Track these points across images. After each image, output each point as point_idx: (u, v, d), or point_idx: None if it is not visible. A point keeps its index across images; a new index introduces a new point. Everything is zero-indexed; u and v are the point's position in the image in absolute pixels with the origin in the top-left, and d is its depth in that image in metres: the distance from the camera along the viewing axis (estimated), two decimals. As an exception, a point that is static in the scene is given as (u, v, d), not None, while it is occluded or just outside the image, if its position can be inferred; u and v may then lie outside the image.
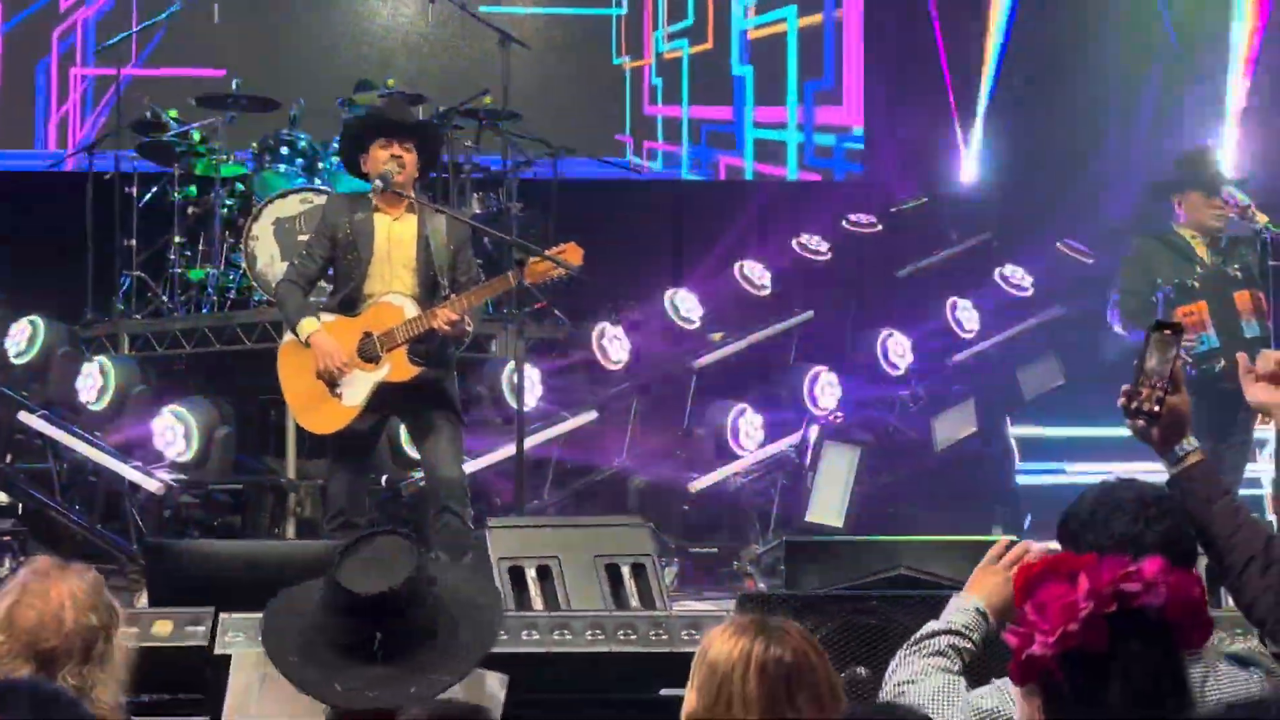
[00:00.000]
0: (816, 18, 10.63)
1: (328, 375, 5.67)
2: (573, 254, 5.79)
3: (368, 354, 5.69)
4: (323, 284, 6.16)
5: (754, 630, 2.39)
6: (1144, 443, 2.57)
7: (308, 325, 5.69)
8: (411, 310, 5.68)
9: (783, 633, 2.40)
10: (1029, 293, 9.31)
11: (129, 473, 7.18)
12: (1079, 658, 1.89)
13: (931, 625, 2.82)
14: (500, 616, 2.49)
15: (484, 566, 4.87)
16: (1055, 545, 2.77)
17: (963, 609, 2.81)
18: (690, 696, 2.42)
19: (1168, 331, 2.52)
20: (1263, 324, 5.90)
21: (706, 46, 10.64)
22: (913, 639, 2.81)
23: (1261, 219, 5.87)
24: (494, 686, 2.82)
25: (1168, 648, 1.94)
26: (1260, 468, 6.82)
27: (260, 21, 9.97)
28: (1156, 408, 2.49)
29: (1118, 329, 6.46)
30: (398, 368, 5.67)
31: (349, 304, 5.78)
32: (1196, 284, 6.03)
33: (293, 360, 5.85)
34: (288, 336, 5.89)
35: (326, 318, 5.76)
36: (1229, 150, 8.72)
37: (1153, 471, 2.73)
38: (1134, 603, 1.92)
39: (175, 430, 7.40)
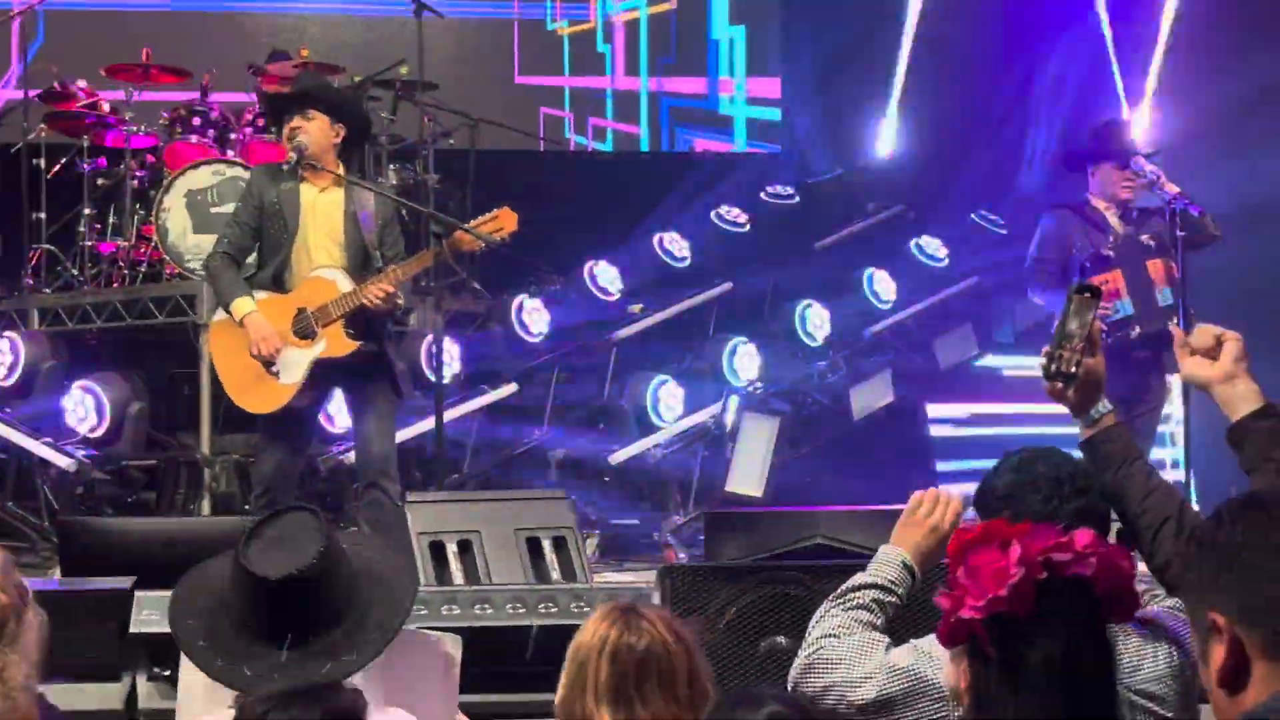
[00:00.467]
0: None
1: (263, 358, 5.60)
2: (506, 219, 5.75)
3: (303, 330, 5.63)
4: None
5: (615, 618, 2.47)
6: (1060, 403, 2.58)
7: (242, 305, 5.61)
8: (345, 284, 5.62)
9: (643, 621, 2.46)
10: (944, 263, 9.41)
11: (40, 449, 7.05)
12: (1006, 622, 1.92)
13: (858, 577, 2.84)
14: (413, 593, 2.45)
15: (403, 541, 4.85)
16: (973, 488, 2.82)
17: (889, 561, 2.83)
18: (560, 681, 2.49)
19: (1087, 294, 2.54)
20: (1175, 292, 6.00)
21: (665, 7, 10.51)
22: (839, 590, 2.83)
23: (1171, 189, 5.95)
24: (449, 648, 2.76)
25: (1093, 618, 1.98)
26: (1168, 436, 6.95)
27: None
28: (1074, 369, 2.51)
29: (1034, 298, 6.54)
30: (334, 343, 5.61)
31: (279, 278, 5.71)
32: (1111, 253, 6.11)
33: (227, 339, 5.76)
34: (219, 314, 5.80)
35: (260, 295, 5.67)
36: (1141, 124, 8.84)
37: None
38: (1064, 571, 1.95)
39: (87, 406, 7.29)
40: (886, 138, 10.43)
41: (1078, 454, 2.69)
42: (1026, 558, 1.94)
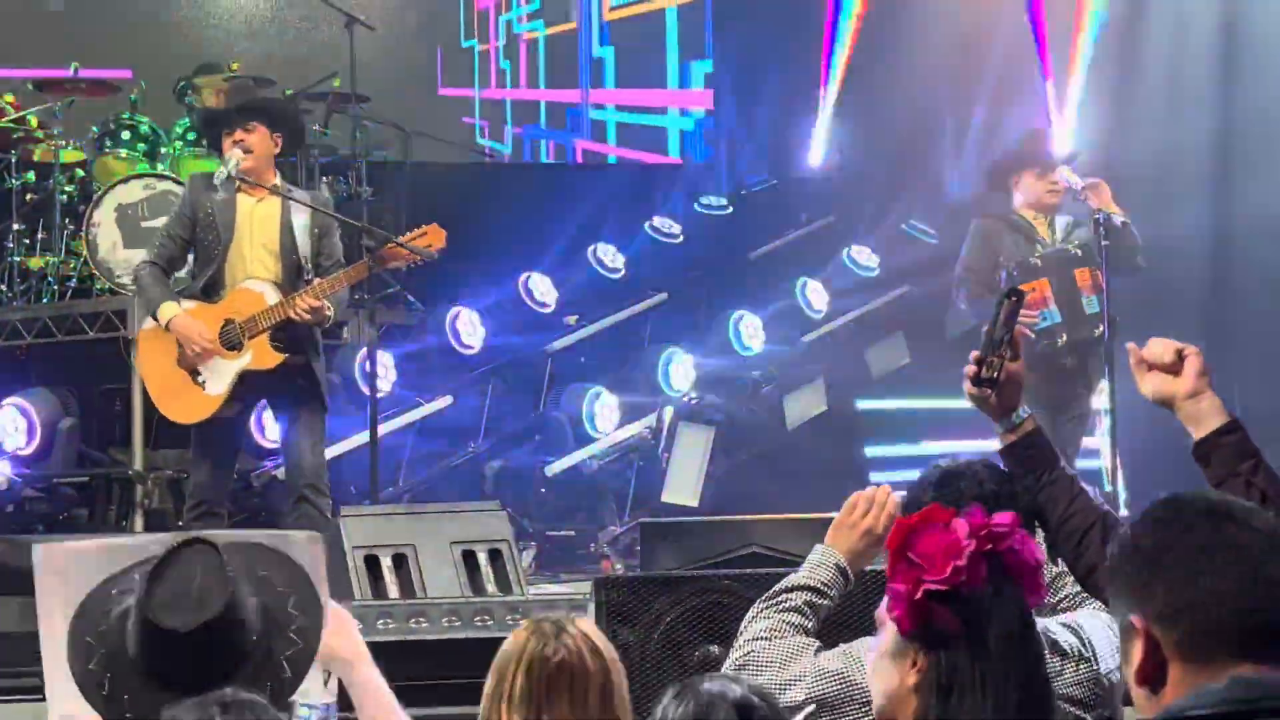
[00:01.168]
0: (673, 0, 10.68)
1: (194, 355, 5.57)
2: (435, 235, 5.76)
3: (230, 341, 5.61)
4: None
5: (537, 630, 2.50)
6: (981, 410, 2.58)
7: (168, 309, 5.61)
8: (273, 296, 5.61)
9: (564, 635, 2.49)
10: (875, 272, 9.49)
11: (-32, 468, 6.97)
12: (966, 598, 1.96)
13: (790, 578, 2.86)
14: (320, 624, 2.37)
15: (328, 559, 4.83)
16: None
17: (822, 563, 2.85)
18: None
19: (1013, 299, 2.55)
20: (1101, 300, 6.08)
21: (563, 28, 10.61)
22: (771, 591, 2.85)
23: (1095, 201, 6.04)
24: (309, 543, 2.63)
25: (1023, 595, 2.03)
26: (1096, 442, 7.05)
27: (100, 4, 9.70)
28: (997, 374, 2.51)
29: (962, 306, 6.62)
30: (261, 355, 5.60)
31: (211, 289, 5.69)
32: (1039, 261, 6.20)
33: (154, 347, 5.75)
34: (148, 323, 5.79)
35: (188, 304, 5.66)
36: (1062, 134, 8.98)
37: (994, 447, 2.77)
38: (1002, 544, 2.00)
39: (17, 423, 7.21)
40: (818, 148, 10.52)
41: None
42: (974, 530, 1.99)
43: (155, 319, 5.65)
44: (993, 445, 2.66)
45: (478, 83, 10.51)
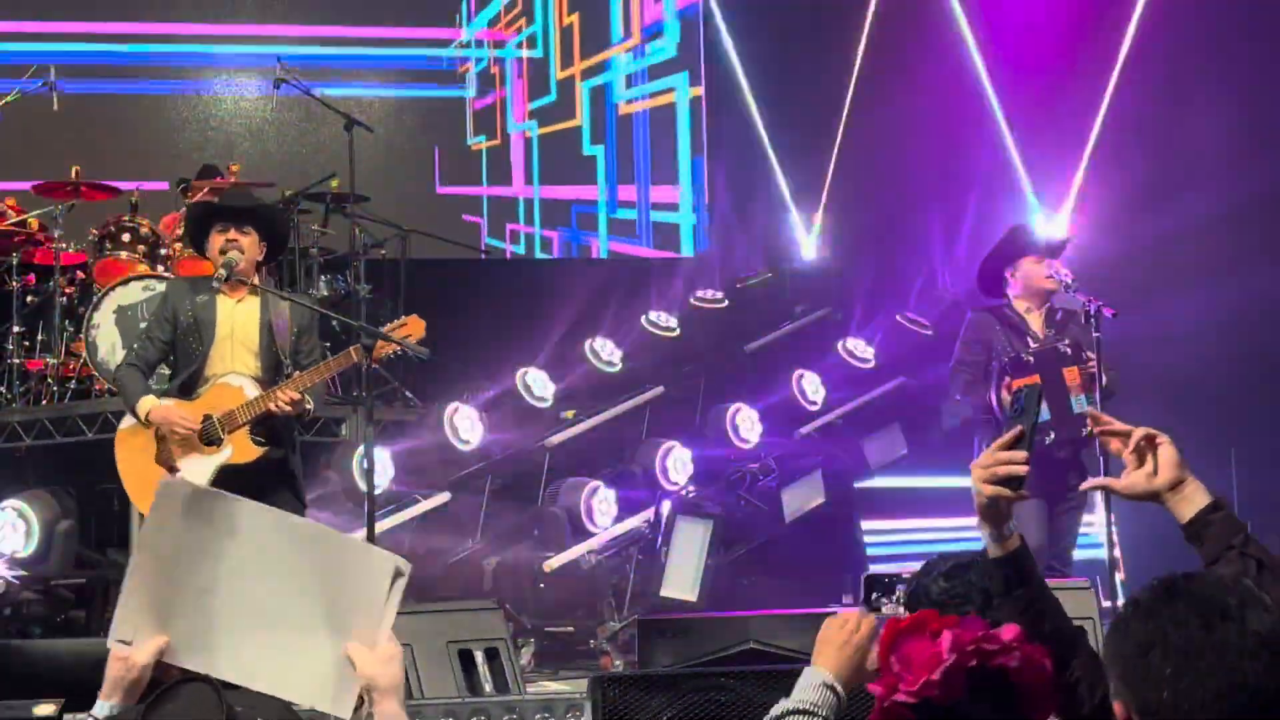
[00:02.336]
0: (669, 96, 10.83)
1: (175, 444, 5.59)
2: (414, 326, 5.79)
3: (209, 437, 5.65)
4: (163, 369, 6.10)
5: None
6: (988, 518, 2.47)
7: (146, 403, 5.65)
8: (251, 390, 5.66)
9: None
10: (871, 364, 9.54)
11: (-35, 570, 6.97)
12: (937, 709, 1.95)
13: (782, 704, 2.86)
14: None
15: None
16: (891, 610, 2.81)
17: (809, 684, 2.85)
18: None
19: (1038, 396, 2.49)
20: (1090, 398, 6.09)
21: (565, 125, 10.74)
22: None
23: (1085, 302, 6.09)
24: (398, 565, 2.64)
25: (1015, 712, 2.02)
26: (1093, 517, 7.06)
27: (101, 108, 9.84)
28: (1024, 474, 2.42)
29: (957, 398, 6.65)
30: (240, 449, 5.63)
31: (188, 387, 5.74)
32: (1030, 358, 6.24)
33: (131, 444, 5.78)
34: (125, 421, 5.82)
35: (166, 401, 5.70)
36: (1058, 225, 9.10)
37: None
38: (991, 661, 1.99)
39: (15, 525, 7.21)
40: (812, 241, 10.62)
41: None
42: (958, 645, 1.98)
43: (134, 414, 5.69)
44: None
45: (485, 180, 10.61)
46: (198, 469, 5.63)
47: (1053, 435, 6.11)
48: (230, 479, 5.65)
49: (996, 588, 2.48)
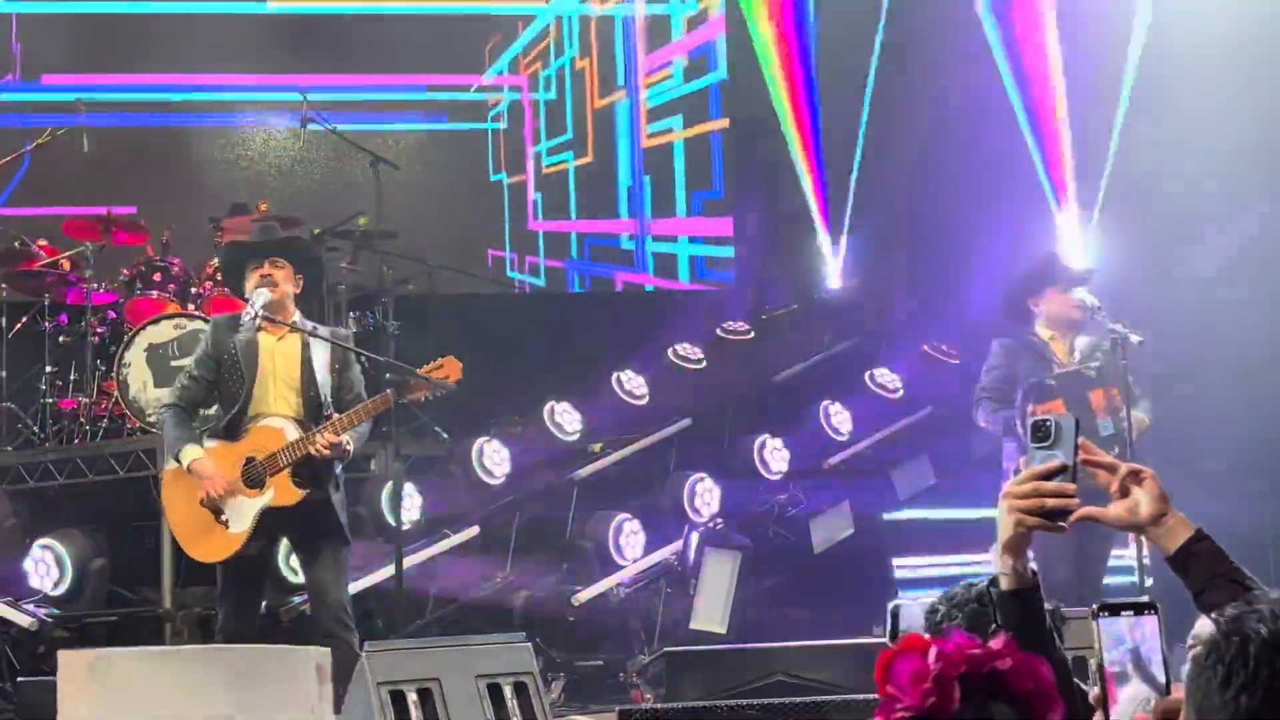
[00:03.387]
0: (699, 128, 10.87)
1: (210, 502, 5.64)
2: (451, 367, 5.83)
3: (252, 479, 5.68)
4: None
5: None
6: (1014, 550, 2.39)
7: (189, 453, 5.70)
8: (293, 433, 5.69)
9: None
10: (899, 394, 9.51)
11: (-1, 609, 7.01)
12: None
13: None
14: None
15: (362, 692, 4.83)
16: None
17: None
18: None
19: (1076, 424, 2.35)
20: (1116, 422, 6.09)
21: (588, 160, 10.79)
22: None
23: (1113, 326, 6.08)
24: (318, 659, 2.61)
25: (1023, 715, 2.02)
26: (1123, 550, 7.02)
27: (131, 148, 9.94)
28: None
29: (981, 424, 6.64)
30: (283, 491, 5.67)
31: (233, 427, 5.78)
32: (1053, 382, 6.23)
33: (177, 489, 5.83)
34: (170, 464, 5.86)
35: (210, 444, 5.75)
36: (1080, 252, 9.07)
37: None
38: (981, 668, 1.99)
39: (48, 564, 7.26)
40: (837, 270, 10.62)
41: None
42: (942, 655, 1.99)
43: (178, 461, 5.73)
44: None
45: (508, 215, 10.67)
46: (242, 512, 5.68)
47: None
48: (273, 520, 5.71)
49: (1009, 620, 2.46)
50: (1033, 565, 2.48)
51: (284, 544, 6.34)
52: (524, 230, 10.67)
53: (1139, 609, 2.21)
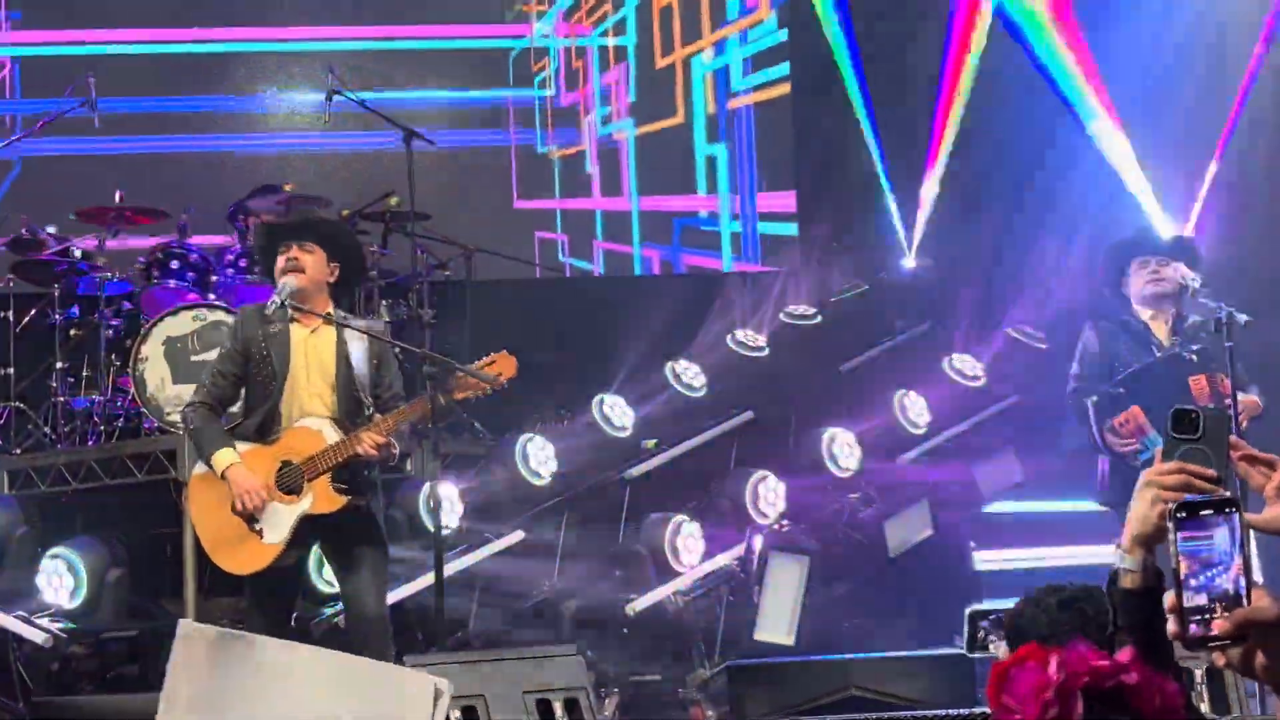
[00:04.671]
0: (746, 99, 10.82)
1: (247, 513, 5.65)
2: (505, 364, 5.81)
3: (289, 485, 5.68)
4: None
5: None
6: (1148, 541, 2.30)
7: (223, 457, 5.68)
8: (332, 435, 5.68)
9: None
10: (981, 382, 9.45)
11: (10, 624, 7.07)
12: None
13: None
14: None
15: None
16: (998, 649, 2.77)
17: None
18: None
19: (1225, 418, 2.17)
20: (1221, 409, 6.00)
21: (665, 124, 10.72)
22: None
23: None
24: (438, 685, 2.69)
25: None
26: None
27: (146, 127, 10.02)
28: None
29: (1076, 421, 6.58)
30: (322, 498, 5.67)
31: (265, 427, 5.78)
32: (1123, 390, 6.17)
33: (206, 494, 5.82)
34: (199, 468, 5.87)
35: (242, 446, 5.75)
36: (1179, 225, 8.98)
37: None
38: (1106, 682, 1.98)
39: (62, 575, 7.33)
40: (911, 249, 10.57)
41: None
42: (1065, 664, 1.98)
43: (209, 465, 5.74)
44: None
45: (559, 192, 10.65)
46: (278, 520, 5.68)
47: None
48: (312, 529, 5.71)
49: (1129, 620, 2.43)
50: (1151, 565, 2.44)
51: (314, 551, 6.37)
52: (582, 210, 10.62)
53: (1219, 507, 2.09)
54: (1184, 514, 1.97)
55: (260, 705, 2.50)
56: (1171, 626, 2.02)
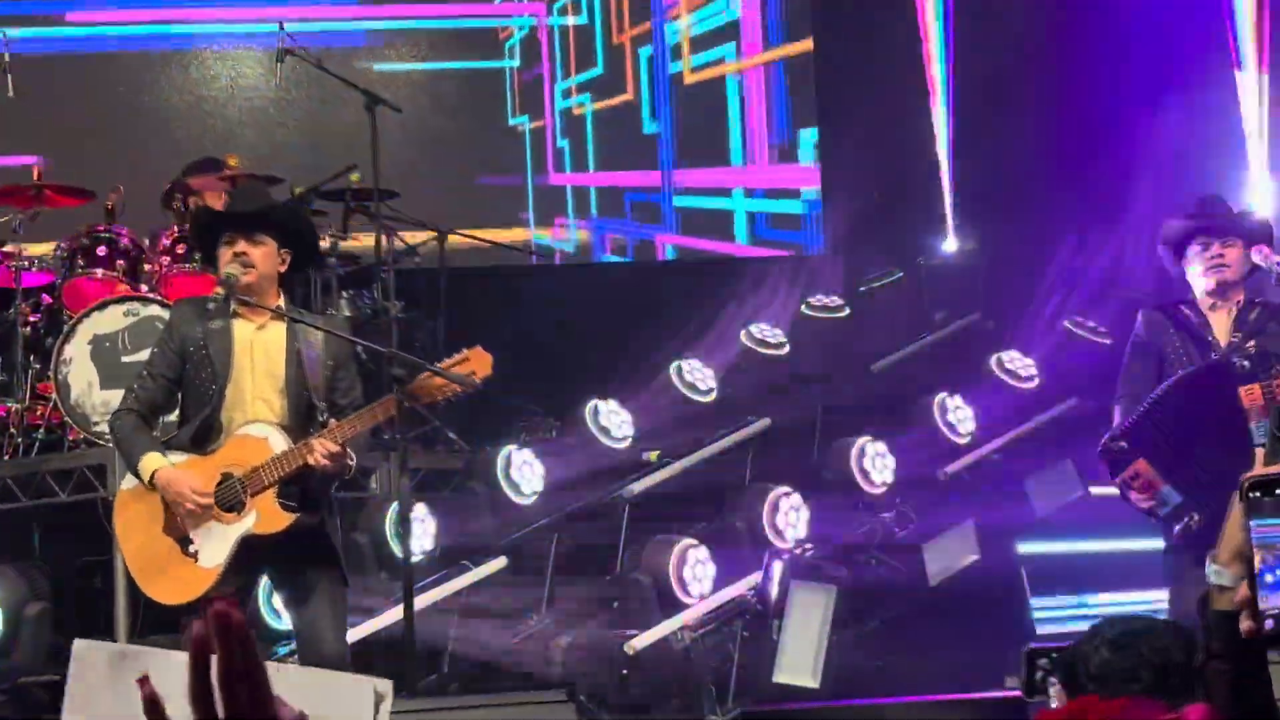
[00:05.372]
0: (761, 57, 10.84)
1: (185, 518, 5.64)
2: (479, 361, 5.80)
3: (229, 501, 5.67)
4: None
5: None
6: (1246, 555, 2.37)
7: (151, 462, 5.67)
8: (279, 443, 5.67)
9: None
10: (1034, 383, 9.45)
11: (-88, 669, 7.09)
12: None
13: None
14: None
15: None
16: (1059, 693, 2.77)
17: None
18: None
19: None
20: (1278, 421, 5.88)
21: (625, 98, 10.81)
22: None
23: None
24: (379, 688, 2.70)
25: None
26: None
27: (71, 94, 10.01)
28: None
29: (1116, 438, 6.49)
30: (267, 516, 5.65)
31: (203, 437, 5.77)
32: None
33: (134, 511, 5.82)
34: (126, 482, 5.87)
35: (176, 456, 5.74)
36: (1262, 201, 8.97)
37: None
38: None
39: (-27, 610, 7.33)
40: (953, 230, 10.57)
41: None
42: None
43: (136, 475, 5.73)
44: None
45: (530, 168, 10.68)
46: (215, 541, 5.66)
47: (1195, 517, 5.93)
48: (255, 552, 5.70)
49: (1221, 645, 2.44)
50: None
51: (265, 581, 6.36)
52: (546, 186, 10.67)
53: None
54: (1258, 492, 1.87)
55: None
56: (1245, 622, 1.95)
